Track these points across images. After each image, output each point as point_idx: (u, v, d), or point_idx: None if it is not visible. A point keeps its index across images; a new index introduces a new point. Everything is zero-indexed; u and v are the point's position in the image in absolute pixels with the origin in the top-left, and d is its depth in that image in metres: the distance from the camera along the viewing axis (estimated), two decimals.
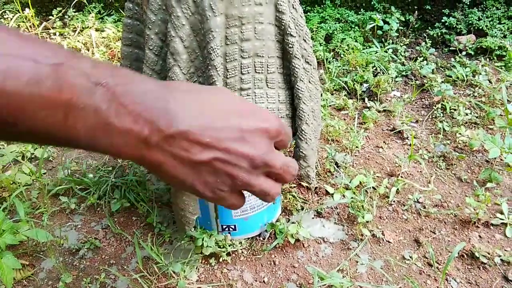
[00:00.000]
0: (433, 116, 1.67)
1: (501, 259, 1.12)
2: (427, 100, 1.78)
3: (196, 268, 1.11)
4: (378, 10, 2.13)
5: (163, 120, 0.32)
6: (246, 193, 0.39)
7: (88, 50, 2.26)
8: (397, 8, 2.12)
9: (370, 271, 1.10)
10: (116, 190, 1.35)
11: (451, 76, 1.85)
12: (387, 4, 2.13)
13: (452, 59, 1.97)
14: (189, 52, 0.84)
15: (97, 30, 2.36)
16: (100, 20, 2.49)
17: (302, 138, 0.98)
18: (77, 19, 2.49)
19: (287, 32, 0.90)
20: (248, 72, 0.86)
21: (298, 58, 0.93)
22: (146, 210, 1.28)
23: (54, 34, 2.43)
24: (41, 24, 2.50)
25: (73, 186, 1.37)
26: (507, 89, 1.75)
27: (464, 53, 1.97)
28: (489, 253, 1.13)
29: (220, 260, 1.12)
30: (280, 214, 1.27)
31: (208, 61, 0.83)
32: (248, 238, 1.19)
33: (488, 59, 1.95)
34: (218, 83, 0.84)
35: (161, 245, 1.18)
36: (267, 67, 0.89)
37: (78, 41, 2.28)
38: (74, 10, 2.54)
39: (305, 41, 0.99)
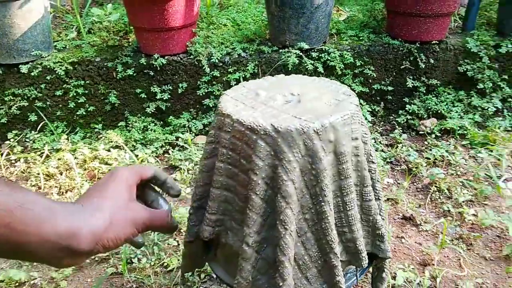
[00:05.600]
0: (432, 199, 1.81)
1: None
2: (418, 183, 1.93)
3: None
4: None
5: None
6: None
7: (61, 174, 2.12)
8: (364, 101, 2.33)
9: None
10: None
11: (429, 158, 2.03)
12: None
13: (425, 142, 2.18)
14: (297, 192, 0.86)
15: (69, 151, 2.24)
16: (66, 139, 2.38)
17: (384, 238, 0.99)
18: (39, 141, 2.35)
19: (369, 159, 0.96)
20: (351, 206, 0.89)
21: (379, 181, 0.99)
22: None
23: (17, 160, 2.25)
24: None
25: None
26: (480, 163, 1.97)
27: (433, 135, 2.19)
28: None
29: None
30: None
31: (320, 197, 0.85)
32: None
33: (452, 139, 2.19)
34: (330, 218, 0.86)
35: None
36: (362, 195, 0.94)
37: (50, 166, 2.13)
38: (33, 131, 2.41)
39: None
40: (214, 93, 2.31)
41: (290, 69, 2.16)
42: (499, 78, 2.30)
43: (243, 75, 2.25)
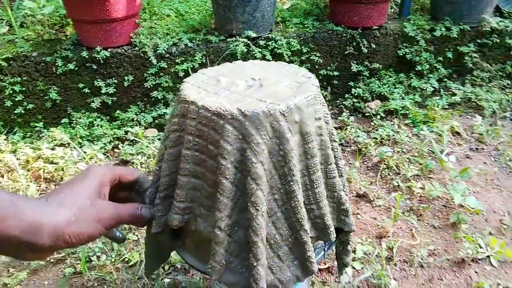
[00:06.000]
0: (382, 176, 1.90)
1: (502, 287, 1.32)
2: (368, 162, 2.02)
3: None
4: None
5: None
6: None
7: (3, 177, 2.00)
8: None
9: None
10: None
11: (377, 138, 2.13)
12: None
13: (371, 123, 2.28)
14: (267, 174, 0.87)
15: (9, 152, 2.11)
16: (5, 139, 2.23)
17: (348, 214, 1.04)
18: None
19: (332, 138, 0.99)
20: (318, 184, 0.92)
21: (341, 159, 1.03)
22: None
23: None
24: None
25: None
26: (423, 140, 2.10)
27: (378, 116, 2.30)
28: (491, 285, 1.33)
29: None
30: None
31: (289, 177, 0.87)
32: None
33: (396, 119, 2.31)
34: (299, 196, 0.88)
35: None
36: (326, 172, 0.97)
37: None
38: None
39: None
40: (162, 85, 2.26)
41: (238, 57, 2.17)
42: (435, 60, 2.45)
43: (191, 66, 2.22)
